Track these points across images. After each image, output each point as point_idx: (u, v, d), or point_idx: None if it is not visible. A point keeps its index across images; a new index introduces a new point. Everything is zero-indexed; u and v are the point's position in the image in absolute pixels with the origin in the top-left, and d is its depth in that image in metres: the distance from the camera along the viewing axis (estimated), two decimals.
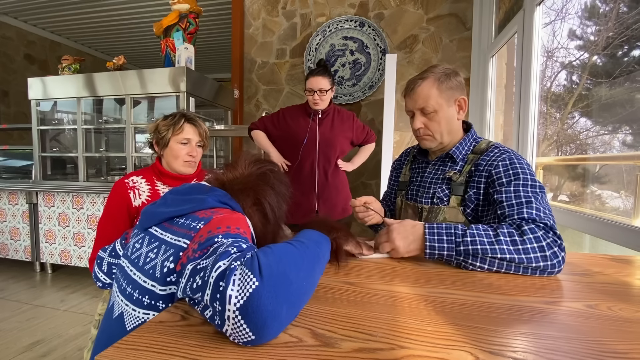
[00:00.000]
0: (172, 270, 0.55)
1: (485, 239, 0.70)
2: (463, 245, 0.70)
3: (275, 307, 0.40)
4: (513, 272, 0.70)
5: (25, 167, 2.94)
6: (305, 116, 1.82)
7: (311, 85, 1.73)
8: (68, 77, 2.52)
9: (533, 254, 0.67)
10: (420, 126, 0.94)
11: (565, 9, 1.90)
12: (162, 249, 0.58)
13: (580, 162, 1.92)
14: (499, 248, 0.68)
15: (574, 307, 0.54)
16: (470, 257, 0.70)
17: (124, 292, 0.60)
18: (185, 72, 2.21)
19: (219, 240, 0.52)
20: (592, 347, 0.42)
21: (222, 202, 0.64)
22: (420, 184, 1.02)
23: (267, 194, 0.69)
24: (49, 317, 2.00)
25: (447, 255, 0.73)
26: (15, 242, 2.76)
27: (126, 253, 0.66)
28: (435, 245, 0.73)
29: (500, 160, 0.85)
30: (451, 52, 2.61)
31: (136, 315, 0.56)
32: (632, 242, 1.02)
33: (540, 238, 0.68)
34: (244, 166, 0.73)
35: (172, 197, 0.68)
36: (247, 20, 3.06)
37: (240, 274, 0.41)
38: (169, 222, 0.63)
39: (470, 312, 0.52)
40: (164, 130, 1.18)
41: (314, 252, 0.54)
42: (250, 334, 0.39)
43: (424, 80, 0.92)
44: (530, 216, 0.73)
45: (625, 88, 1.53)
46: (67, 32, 4.93)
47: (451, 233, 0.73)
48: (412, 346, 0.42)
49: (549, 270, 0.68)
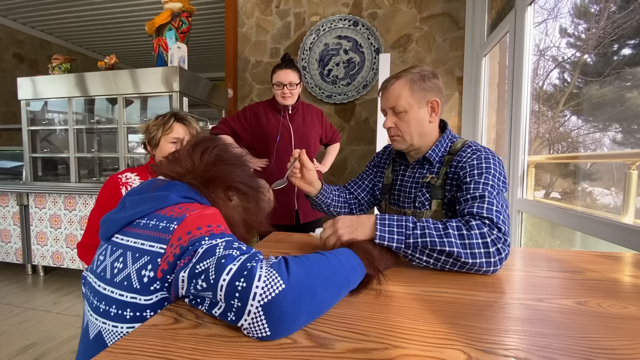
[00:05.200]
0: (153, 278, 0.51)
1: (434, 232, 0.69)
2: (412, 238, 0.69)
3: (296, 312, 0.43)
4: (456, 269, 0.70)
5: (15, 168, 2.89)
6: (275, 112, 1.74)
7: (280, 78, 1.65)
8: (59, 77, 2.49)
9: (477, 249, 0.67)
10: (391, 125, 0.94)
11: (557, 8, 1.92)
12: (128, 256, 0.54)
13: (571, 160, 1.95)
14: (447, 241, 0.67)
15: (564, 304, 0.55)
16: (418, 251, 0.70)
17: (97, 310, 0.54)
18: (178, 72, 2.19)
19: (207, 242, 0.51)
20: (582, 343, 0.43)
21: (187, 197, 0.60)
22: (401, 188, 1.01)
23: (233, 175, 0.66)
24: (41, 320, 1.97)
25: (395, 248, 0.71)
26: (6, 244, 2.72)
27: (91, 267, 0.61)
28: (385, 236, 0.71)
29: (469, 161, 0.85)
30: (444, 52, 2.62)
31: (118, 331, 0.52)
32: (621, 239, 1.03)
33: (486, 234, 0.68)
34: (192, 157, 0.66)
35: (130, 199, 0.62)
36: (240, 19, 3.04)
37: (267, 274, 0.43)
38: (129, 226, 0.58)
39: (463, 311, 0.52)
40: (154, 130, 1.18)
41: (347, 277, 0.54)
42: (267, 330, 0.42)
43: (397, 79, 0.91)
44: (480, 211, 0.74)
45: (616, 87, 1.55)
46: (58, 31, 4.86)
47: (402, 225, 0.72)
48: (406, 345, 0.42)
49: (492, 267, 0.68)
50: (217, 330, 0.45)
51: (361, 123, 2.82)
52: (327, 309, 0.50)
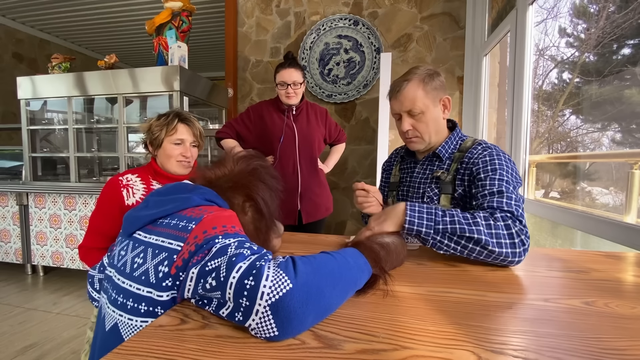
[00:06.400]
0: (167, 274, 0.53)
1: (463, 220, 0.72)
2: (442, 224, 0.72)
3: (303, 311, 0.43)
4: (482, 258, 0.72)
5: (15, 167, 2.88)
6: (279, 112, 1.72)
7: (283, 78, 1.62)
8: (58, 76, 2.47)
9: (503, 240, 0.70)
10: (409, 128, 0.95)
11: (557, 7, 1.92)
12: (149, 252, 0.56)
13: (571, 159, 1.95)
14: (475, 229, 0.70)
15: (571, 304, 0.55)
16: (447, 237, 0.72)
17: (115, 303, 0.57)
18: (178, 71, 2.18)
19: (220, 241, 0.51)
20: (591, 344, 0.43)
21: (208, 200, 0.62)
22: (409, 184, 1.03)
23: (259, 189, 0.68)
24: (41, 320, 1.96)
25: (424, 233, 0.73)
26: (6, 244, 2.70)
27: (112, 262, 0.63)
28: (415, 221, 0.74)
29: (481, 157, 0.87)
30: (445, 51, 2.62)
31: (133, 324, 0.54)
32: (624, 239, 1.03)
33: (510, 225, 0.72)
34: (233, 163, 0.71)
35: (154, 199, 0.65)
36: (240, 19, 3.03)
37: (274, 274, 0.43)
38: (152, 225, 0.60)
39: (470, 311, 0.52)
40: (157, 130, 1.15)
41: (353, 277, 0.54)
42: (275, 330, 0.42)
43: (408, 82, 0.92)
44: (500, 205, 0.76)
45: (615, 86, 1.55)
46: (57, 30, 4.84)
47: (431, 212, 0.75)
48: (414, 346, 0.42)
49: (517, 258, 0.70)
50: (224, 331, 0.45)
51: (362, 122, 2.82)
52: (334, 309, 0.50)
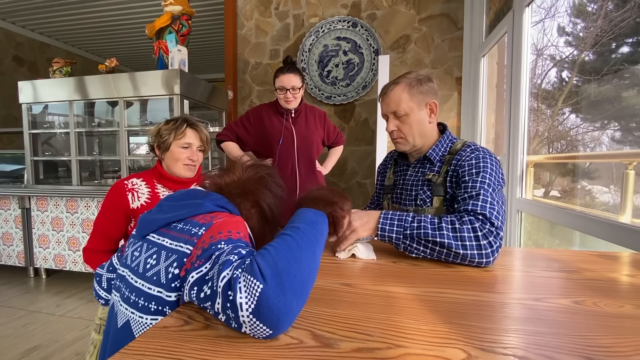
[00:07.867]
0: (176, 275, 0.56)
1: (429, 225, 0.76)
2: (409, 230, 0.77)
3: (284, 302, 0.44)
4: (451, 260, 0.76)
5: (17, 171, 2.90)
6: (278, 115, 1.75)
7: (282, 83, 1.65)
8: (59, 81, 2.50)
9: (468, 242, 0.73)
10: (394, 128, 0.99)
11: (555, 7, 1.93)
12: (162, 254, 0.59)
13: (569, 160, 1.96)
14: (439, 233, 0.75)
15: (561, 303, 0.57)
16: (415, 241, 0.77)
17: (128, 301, 0.60)
18: (178, 75, 2.20)
19: (221, 247, 0.53)
20: (578, 341, 0.45)
21: (220, 206, 0.66)
22: (403, 186, 1.05)
23: (265, 196, 0.73)
24: (45, 322, 1.98)
25: (395, 239, 0.79)
26: (8, 247, 2.73)
27: (125, 262, 0.67)
28: (386, 228, 0.80)
29: (467, 160, 0.90)
30: (443, 52, 2.64)
31: (143, 322, 0.57)
32: (619, 238, 1.05)
33: (477, 228, 0.74)
34: (242, 170, 0.75)
35: (168, 203, 0.68)
36: (239, 21, 3.05)
37: (244, 281, 0.44)
38: (166, 228, 0.63)
39: (463, 311, 0.54)
40: (165, 134, 1.19)
41: (311, 236, 0.55)
42: (267, 330, 0.43)
43: (396, 85, 0.97)
44: (474, 208, 0.79)
45: (613, 85, 1.56)
46: (57, 34, 4.86)
47: (402, 219, 0.80)
48: (408, 345, 0.44)
49: (484, 259, 0.73)
50: (226, 332, 0.47)
51: (361, 124, 2.84)
52: (313, 280, 0.51)
